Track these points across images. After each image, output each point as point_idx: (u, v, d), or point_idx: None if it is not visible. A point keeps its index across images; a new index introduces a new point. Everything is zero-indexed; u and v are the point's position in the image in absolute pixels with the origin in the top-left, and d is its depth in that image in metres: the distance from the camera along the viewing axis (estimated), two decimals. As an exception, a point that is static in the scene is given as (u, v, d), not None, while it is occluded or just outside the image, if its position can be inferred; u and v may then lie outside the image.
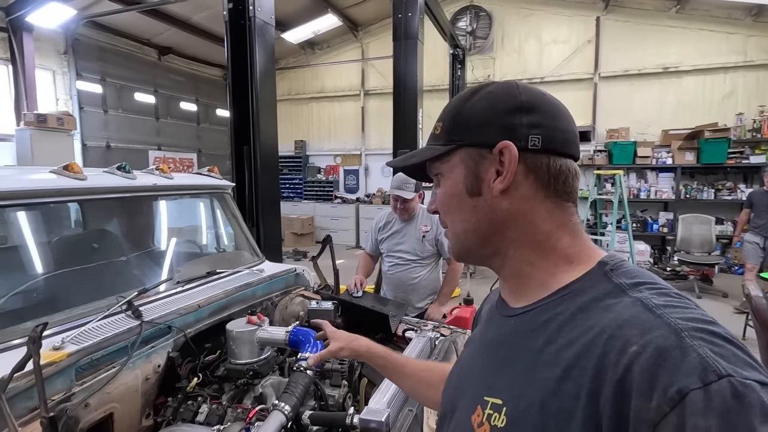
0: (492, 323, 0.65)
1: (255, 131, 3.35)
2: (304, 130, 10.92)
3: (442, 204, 0.63)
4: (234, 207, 2.51)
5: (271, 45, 3.51)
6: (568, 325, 0.50)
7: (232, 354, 1.62)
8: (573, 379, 0.45)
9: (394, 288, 2.60)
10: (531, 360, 0.51)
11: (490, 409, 0.53)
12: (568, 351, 0.47)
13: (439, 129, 0.62)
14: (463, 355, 0.71)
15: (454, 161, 0.60)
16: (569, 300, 0.53)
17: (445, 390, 0.72)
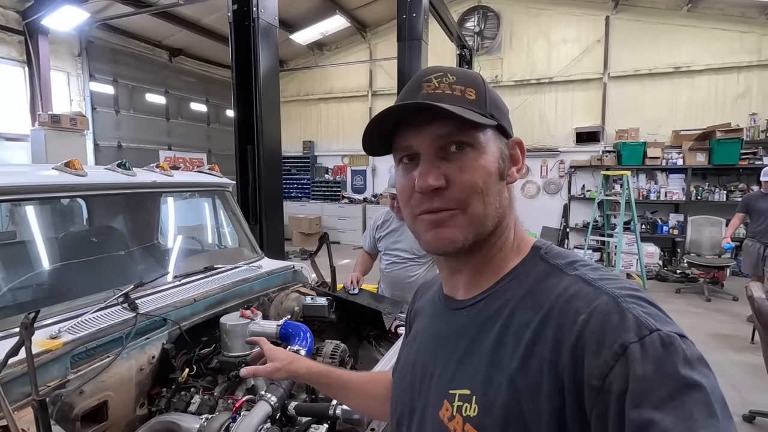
0: (441, 318, 0.65)
1: (258, 131, 3.40)
2: (313, 131, 11.00)
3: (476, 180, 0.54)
4: (234, 205, 2.56)
5: (275, 46, 3.55)
6: (519, 308, 0.53)
7: (225, 347, 1.66)
8: (536, 354, 0.48)
9: (391, 286, 2.62)
10: (492, 346, 0.53)
11: (459, 400, 0.54)
12: (526, 331, 0.50)
13: (473, 95, 0.55)
14: (411, 355, 0.68)
15: (490, 137, 0.57)
16: (515, 285, 0.56)
17: (396, 393, 0.70)
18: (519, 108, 8.88)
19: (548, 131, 8.78)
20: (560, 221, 8.80)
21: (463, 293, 0.62)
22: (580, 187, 8.54)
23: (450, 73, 0.57)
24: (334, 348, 1.71)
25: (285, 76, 10.73)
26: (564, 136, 8.64)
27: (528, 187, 9.05)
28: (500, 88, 9.00)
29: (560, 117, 8.66)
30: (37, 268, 1.50)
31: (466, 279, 0.61)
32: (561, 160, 8.71)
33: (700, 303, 5.73)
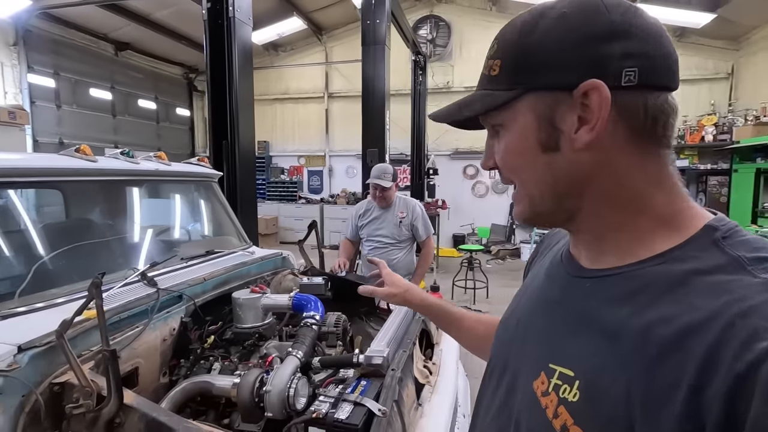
0: (557, 281, 0.57)
1: (233, 127, 3.48)
2: (268, 131, 10.93)
3: (507, 162, 0.52)
4: (221, 195, 2.66)
5: (248, 44, 3.66)
6: (663, 299, 0.42)
7: (238, 319, 1.80)
8: (671, 364, 0.38)
9: (373, 269, 2.84)
10: (612, 331, 0.44)
11: (558, 378, 0.47)
12: (664, 328, 0.40)
13: (497, 69, 0.50)
14: (518, 308, 0.63)
15: (521, 109, 0.49)
16: (664, 269, 0.44)
17: (496, 343, 0.66)
18: (469, 113, 9.45)
19: (496, 135, 9.41)
20: (507, 218, 9.46)
21: (587, 261, 0.53)
22: (525, 187, 9.24)
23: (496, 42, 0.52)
24: (336, 318, 1.91)
25: (239, 75, 10.57)
26: (510, 139, 9.31)
27: (478, 187, 9.65)
28: (452, 93, 9.54)
29: (506, 122, 9.32)
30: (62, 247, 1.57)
31: (582, 247, 0.54)
32: (507, 162, 9.37)
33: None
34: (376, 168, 2.72)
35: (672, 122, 0.46)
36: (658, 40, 0.44)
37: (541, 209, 0.52)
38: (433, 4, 9.47)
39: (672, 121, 0.46)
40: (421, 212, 2.82)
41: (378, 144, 5.17)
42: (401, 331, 1.72)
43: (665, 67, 0.45)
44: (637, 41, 0.43)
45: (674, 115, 0.46)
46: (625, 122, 0.45)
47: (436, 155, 9.26)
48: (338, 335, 1.87)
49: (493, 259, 8.56)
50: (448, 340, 2.03)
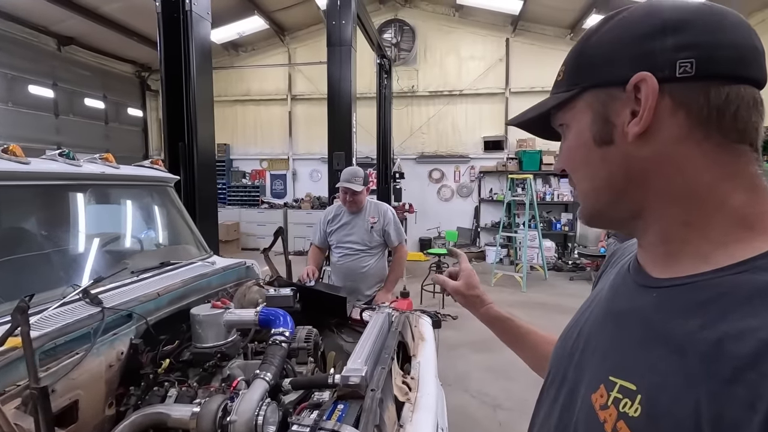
0: (623, 291, 0.54)
1: (191, 128, 3.27)
2: (228, 134, 10.52)
3: (568, 159, 0.54)
4: (178, 201, 2.46)
5: (207, 40, 3.46)
6: (739, 311, 0.38)
7: (198, 338, 1.62)
8: (746, 383, 0.35)
9: (343, 277, 2.72)
10: (679, 345, 0.41)
11: (618, 392, 0.45)
12: (738, 345, 0.36)
13: (562, 74, 0.53)
14: (580, 319, 0.61)
15: (580, 107, 0.50)
16: (744, 279, 0.40)
17: (555, 353, 0.63)
18: (435, 117, 9.53)
19: (460, 139, 9.54)
20: (472, 222, 9.58)
21: (655, 269, 0.49)
22: (489, 191, 9.41)
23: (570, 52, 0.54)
24: (307, 333, 1.78)
25: (196, 74, 10.12)
26: (474, 144, 9.46)
27: (443, 191, 9.71)
28: (417, 97, 9.58)
29: (470, 126, 9.47)
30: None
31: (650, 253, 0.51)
32: (471, 166, 9.51)
33: (590, 287, 6.67)
34: (346, 171, 2.61)
35: (744, 115, 0.43)
36: (724, 30, 0.43)
37: (600, 206, 0.52)
38: (397, 8, 9.48)
39: (744, 114, 0.43)
40: (393, 217, 2.73)
41: (345, 147, 5.06)
42: (378, 344, 1.62)
43: (733, 57, 0.43)
44: (692, 34, 0.43)
45: (747, 107, 0.43)
46: (684, 113, 0.44)
47: (402, 159, 9.25)
48: (309, 351, 1.74)
49: (459, 262, 8.61)
50: (426, 352, 1.94)
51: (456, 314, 5.19)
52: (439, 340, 4.38)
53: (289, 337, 1.54)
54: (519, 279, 6.64)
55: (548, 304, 5.75)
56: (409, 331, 1.97)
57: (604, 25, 0.49)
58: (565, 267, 7.83)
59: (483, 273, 7.61)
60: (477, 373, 3.58)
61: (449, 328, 4.98)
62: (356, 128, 5.20)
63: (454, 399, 3.21)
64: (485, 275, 7.27)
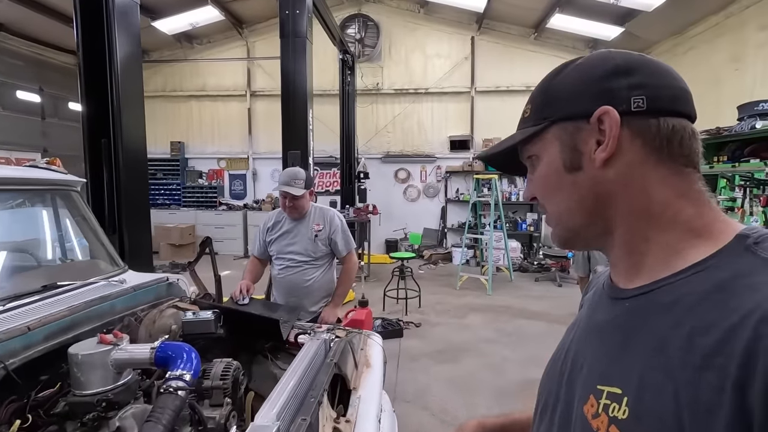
0: (600, 307, 0.59)
1: (116, 124, 2.89)
2: (183, 131, 9.93)
3: (539, 186, 0.59)
4: (85, 208, 2.10)
5: (136, 28, 3.08)
6: (701, 305, 0.43)
7: (77, 384, 1.30)
8: (716, 368, 0.39)
9: (285, 292, 2.42)
10: (655, 345, 0.45)
11: (607, 398, 0.48)
12: (706, 336, 0.41)
13: (528, 111, 0.59)
14: (566, 342, 0.64)
15: (548, 139, 0.56)
16: (701, 278, 0.45)
17: (545, 380, 0.66)
18: (400, 115, 9.32)
19: (426, 138, 9.36)
20: (439, 222, 9.43)
21: (625, 281, 0.55)
22: (455, 191, 9.29)
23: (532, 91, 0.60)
24: (225, 367, 1.48)
25: (146, 68, 9.48)
26: (440, 143, 9.31)
27: (410, 191, 9.52)
28: (382, 95, 9.33)
29: (436, 125, 9.31)
30: None
31: (620, 268, 0.56)
32: (438, 166, 9.36)
33: (554, 288, 6.68)
34: (284, 173, 2.31)
35: (688, 143, 0.51)
36: (661, 75, 0.52)
37: (573, 225, 0.57)
38: (360, 3, 9.20)
39: (688, 142, 0.51)
40: (341, 224, 2.45)
41: (300, 145, 4.74)
42: (305, 384, 1.34)
43: (671, 96, 0.51)
44: (641, 76, 0.51)
45: (689, 137, 0.51)
46: (641, 142, 0.51)
47: (367, 158, 8.98)
48: (226, 390, 1.44)
49: (425, 264, 8.45)
50: (369, 383, 1.68)
51: (419, 321, 5.01)
52: (400, 351, 4.16)
53: (190, 382, 1.24)
54: (484, 282, 6.51)
55: (514, 308, 5.64)
56: (350, 359, 1.71)
57: (564, 69, 0.56)
58: (530, 268, 7.79)
59: (449, 275, 7.46)
60: (438, 387, 3.36)
61: (412, 336, 4.77)
62: (313, 126, 4.89)
63: (412, 419, 2.97)
64: (451, 277, 7.12)
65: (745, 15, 5.88)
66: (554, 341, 0.69)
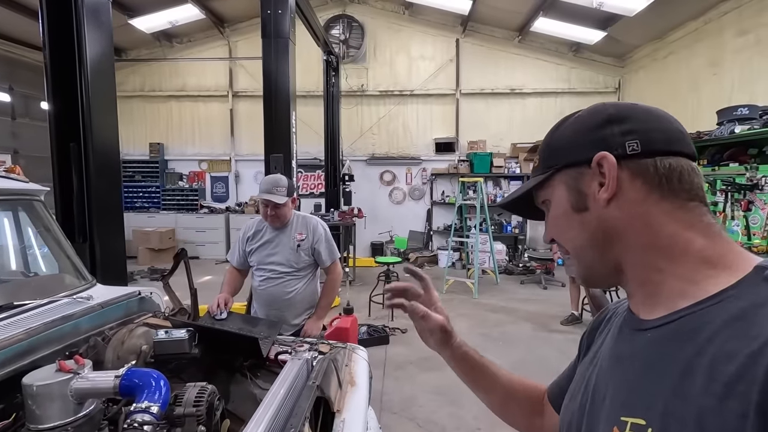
0: (622, 338, 0.60)
1: (86, 126, 2.74)
2: (162, 132, 9.67)
3: (554, 227, 0.64)
4: (48, 218, 1.96)
5: (107, 26, 2.93)
6: (722, 334, 0.44)
7: (32, 417, 1.18)
8: (738, 395, 0.40)
9: (266, 304, 2.32)
10: (677, 374, 0.46)
11: (631, 429, 0.49)
12: (727, 364, 0.42)
13: (537, 161, 0.65)
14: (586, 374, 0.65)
15: (555, 185, 0.62)
16: (721, 308, 0.47)
17: (564, 413, 0.67)
18: (385, 117, 9.26)
19: (411, 141, 9.32)
20: (425, 225, 9.39)
21: (644, 312, 0.56)
22: (441, 193, 9.27)
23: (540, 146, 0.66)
24: (199, 392, 1.37)
25: (124, 67, 9.22)
26: (425, 145, 9.28)
27: (395, 194, 9.46)
28: (367, 97, 9.26)
29: (421, 128, 9.28)
30: None
31: (637, 298, 0.58)
32: (423, 168, 9.32)
33: (540, 291, 6.69)
34: (266, 180, 2.21)
35: (687, 179, 0.54)
36: (653, 120, 0.56)
37: (587, 261, 0.60)
38: (345, 3, 9.10)
39: (687, 178, 0.54)
40: (324, 232, 2.36)
41: (283, 148, 4.62)
42: (286, 409, 1.25)
43: (665, 138, 0.55)
44: (632, 123, 0.56)
45: (688, 173, 0.54)
46: (641, 181, 0.55)
47: (352, 160, 8.89)
48: (200, 418, 1.34)
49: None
50: (354, 403, 1.59)
51: (405, 327, 4.94)
52: (386, 359, 4.08)
53: (158, 415, 1.14)
54: (471, 285, 6.48)
55: (500, 312, 5.62)
56: (334, 379, 1.62)
57: (564, 123, 0.63)
58: (515, 270, 7.81)
59: (436, 278, 7.37)
60: (424, 397, 3.30)
61: (398, 343, 4.69)
62: (296, 128, 4.78)
63: (399, 430, 2.90)
64: (438, 281, 7.07)
65: (723, 21, 6.00)
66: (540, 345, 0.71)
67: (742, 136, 4.40)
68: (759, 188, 3.60)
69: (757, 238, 3.58)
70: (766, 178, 3.61)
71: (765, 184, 3.57)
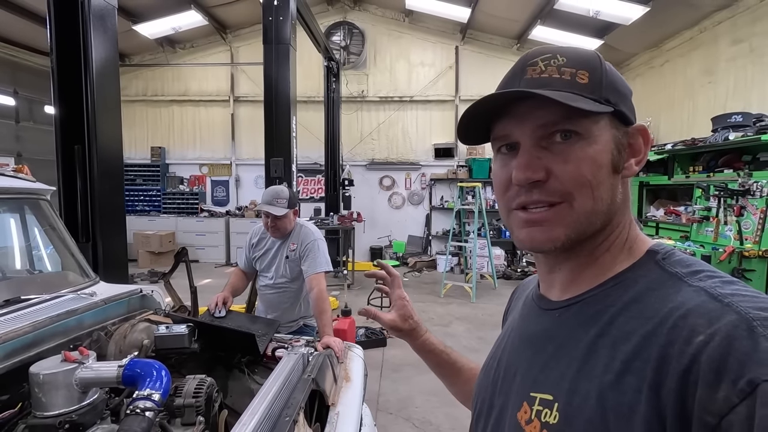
0: (532, 317, 0.61)
1: (90, 129, 2.81)
2: (164, 136, 9.75)
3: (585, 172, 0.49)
4: (54, 217, 2.01)
5: (113, 31, 3.00)
6: (621, 315, 0.47)
7: (38, 405, 1.23)
8: (634, 371, 0.43)
9: (266, 307, 2.36)
10: (582, 353, 0.49)
11: (539, 405, 0.51)
12: (625, 343, 0.45)
13: (586, 78, 0.50)
14: (497, 352, 0.66)
15: (604, 126, 0.51)
16: (619, 290, 0.50)
17: (477, 389, 0.68)
18: (385, 123, 9.34)
19: (411, 146, 9.40)
20: (423, 230, 9.45)
21: (557, 293, 0.57)
22: (440, 198, 9.33)
23: (560, 54, 0.52)
24: (198, 384, 1.43)
25: (127, 72, 9.32)
26: (424, 151, 9.36)
27: (394, 199, 9.52)
28: (367, 103, 9.35)
29: (421, 133, 9.36)
30: None
31: (564, 279, 0.56)
32: (422, 173, 9.39)
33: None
34: (267, 191, 2.22)
35: None
36: None
37: (589, 228, 0.52)
38: (346, 10, 9.22)
39: None
40: (313, 244, 2.26)
41: (283, 152, 4.69)
42: (279, 403, 1.30)
43: None
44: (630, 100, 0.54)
45: None
46: None
47: (352, 165, 8.97)
48: (198, 409, 1.39)
49: (410, 271, 8.44)
50: (349, 398, 1.64)
51: (403, 330, 4.98)
52: (383, 361, 4.11)
53: (159, 402, 1.19)
54: (469, 289, 6.52)
55: (497, 316, 5.64)
56: (329, 373, 1.67)
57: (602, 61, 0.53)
58: (513, 275, 7.85)
59: (434, 283, 7.45)
60: (420, 398, 3.33)
61: (395, 345, 4.73)
62: (296, 132, 4.85)
63: (395, 430, 2.94)
64: (436, 285, 7.12)
65: (717, 30, 6.09)
66: None
67: (736, 142, 4.47)
68: (751, 194, 3.66)
69: (749, 242, 3.63)
70: (758, 183, 3.67)
71: (757, 189, 3.63)
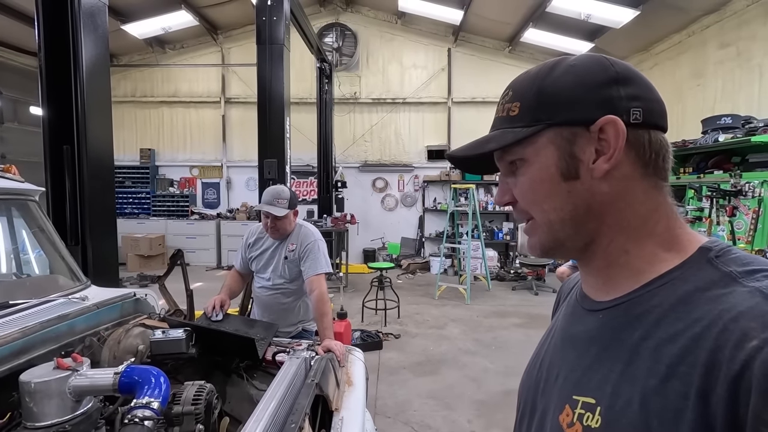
0: (575, 318, 0.59)
1: (80, 129, 2.74)
2: (153, 138, 9.61)
3: (528, 192, 0.55)
4: (43, 218, 1.95)
5: (103, 30, 2.93)
6: (668, 317, 0.46)
7: (29, 415, 1.17)
8: (680, 376, 0.41)
9: (262, 309, 2.31)
10: (626, 356, 0.47)
11: (581, 408, 0.50)
12: (671, 346, 0.43)
13: (517, 109, 0.54)
14: (541, 352, 0.65)
15: (541, 143, 0.52)
16: (667, 291, 0.48)
17: (522, 388, 0.67)
18: (378, 124, 9.32)
19: (403, 148, 9.39)
20: (417, 232, 9.43)
21: (598, 294, 0.56)
22: (433, 200, 9.33)
23: (512, 88, 0.55)
24: (197, 391, 1.38)
25: (115, 72, 9.17)
26: (417, 152, 9.35)
27: (387, 201, 9.50)
28: (359, 104, 9.32)
29: (413, 135, 9.36)
30: None
31: (594, 281, 0.56)
32: (415, 175, 9.39)
33: (531, 297, 6.74)
34: (267, 191, 2.18)
35: (669, 157, 0.52)
36: (651, 88, 0.52)
37: (561, 235, 0.54)
38: (338, 12, 9.20)
39: (669, 156, 0.52)
40: (313, 245, 2.22)
41: (277, 154, 4.63)
42: (284, 409, 1.26)
43: (660, 110, 0.51)
44: (637, 87, 0.50)
45: (669, 152, 0.52)
46: (634, 155, 0.50)
47: (345, 167, 8.92)
48: (198, 416, 1.34)
49: (404, 273, 8.41)
50: (352, 402, 1.60)
51: (398, 332, 4.94)
52: (380, 364, 4.07)
53: (158, 410, 1.14)
54: (463, 291, 6.52)
55: (492, 317, 5.65)
56: (332, 377, 1.63)
57: (555, 68, 0.52)
58: (507, 276, 7.87)
59: (428, 285, 7.43)
60: (418, 401, 3.30)
61: (391, 348, 4.69)
62: (290, 134, 4.80)
63: (393, 435, 2.90)
64: (430, 287, 7.10)
65: (705, 34, 6.19)
66: (532, 350, 0.69)
67: (725, 144, 4.53)
68: (743, 194, 3.70)
69: (742, 242, 3.67)
70: (750, 184, 3.72)
71: (749, 190, 3.67)
